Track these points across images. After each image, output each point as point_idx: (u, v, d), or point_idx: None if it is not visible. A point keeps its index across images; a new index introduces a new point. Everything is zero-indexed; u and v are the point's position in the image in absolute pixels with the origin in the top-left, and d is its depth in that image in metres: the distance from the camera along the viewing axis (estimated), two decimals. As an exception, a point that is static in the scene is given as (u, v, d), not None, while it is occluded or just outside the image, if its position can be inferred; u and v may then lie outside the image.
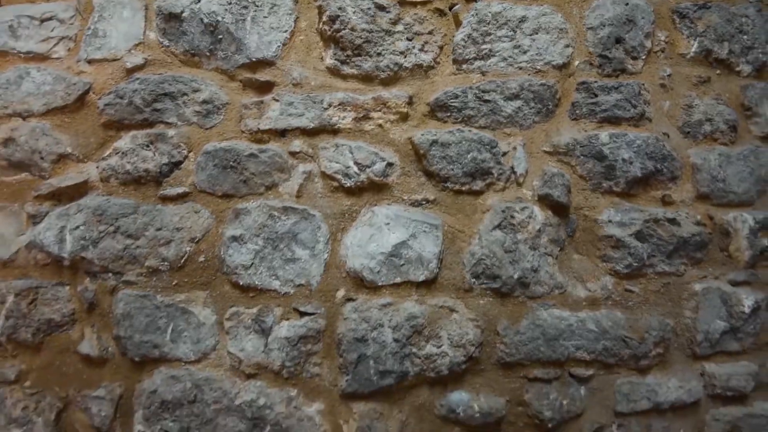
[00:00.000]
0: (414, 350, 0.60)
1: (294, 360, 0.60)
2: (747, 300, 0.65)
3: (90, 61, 0.70)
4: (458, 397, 0.61)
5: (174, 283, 0.62)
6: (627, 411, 0.63)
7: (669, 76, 0.72)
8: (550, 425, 0.61)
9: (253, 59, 0.68)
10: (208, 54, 0.68)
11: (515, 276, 0.62)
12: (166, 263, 0.62)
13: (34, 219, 0.65)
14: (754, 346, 0.67)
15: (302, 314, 0.61)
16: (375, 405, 0.61)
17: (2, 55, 0.71)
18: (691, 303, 0.65)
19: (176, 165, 0.65)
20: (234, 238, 0.62)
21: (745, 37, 0.74)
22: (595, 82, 0.69)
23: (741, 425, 0.66)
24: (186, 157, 0.65)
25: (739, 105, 0.73)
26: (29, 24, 0.70)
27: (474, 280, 0.62)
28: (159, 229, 0.62)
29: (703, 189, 0.68)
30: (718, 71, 0.73)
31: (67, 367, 0.63)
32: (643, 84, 0.70)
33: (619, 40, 0.71)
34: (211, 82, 0.68)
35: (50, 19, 0.71)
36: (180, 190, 0.64)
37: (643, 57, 0.71)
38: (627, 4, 0.70)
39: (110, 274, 0.62)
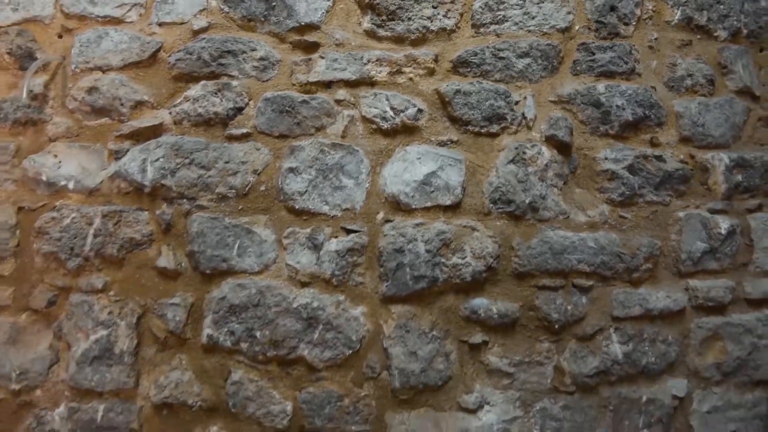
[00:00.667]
0: (442, 260, 0.80)
1: (342, 270, 0.80)
2: (723, 224, 0.86)
3: (160, 24, 0.91)
4: (479, 302, 0.81)
5: (240, 208, 0.83)
6: (622, 316, 0.83)
7: (656, 39, 0.94)
8: (556, 326, 0.81)
9: (302, 23, 0.89)
10: (262, 19, 0.90)
11: (527, 201, 0.83)
12: (233, 191, 0.82)
13: (117, 155, 0.85)
14: (731, 266, 0.88)
15: (348, 232, 0.81)
16: (410, 307, 0.81)
17: (82, 19, 0.92)
18: (676, 227, 0.86)
19: (239, 110, 0.86)
20: (290, 170, 0.82)
21: (721, 6, 0.97)
22: (593, 43, 0.91)
23: (720, 332, 0.87)
24: (247, 104, 0.86)
25: (717, 64, 0.95)
26: (107, -8, 0.91)
27: (492, 205, 0.83)
28: (227, 162, 0.82)
29: (685, 133, 0.90)
30: (698, 36, 0.96)
31: (145, 279, 0.82)
32: (634, 45, 0.92)
33: (613, 8, 0.93)
34: (265, 43, 0.90)
35: (126, -12, 0.92)
36: (243, 130, 0.84)
37: (634, 23, 0.93)
38: (619, -22, 0.92)
39: (185, 200, 0.82)
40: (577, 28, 0.93)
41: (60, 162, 0.86)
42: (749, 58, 0.97)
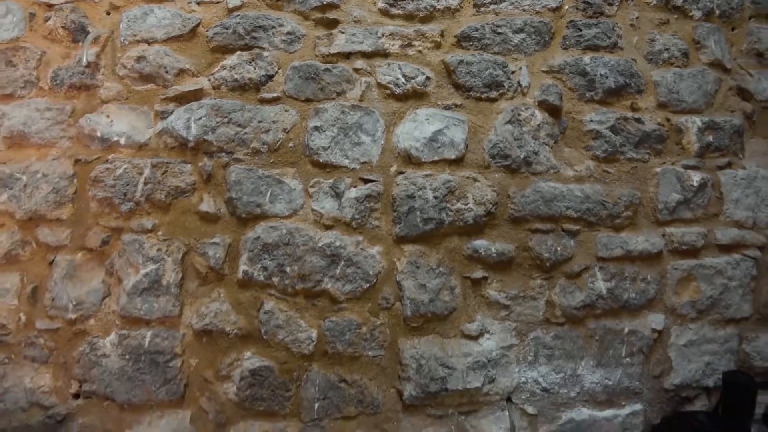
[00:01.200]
0: (448, 206, 1.01)
1: (360, 214, 1.01)
2: (695, 178, 1.07)
3: (199, 3, 1.13)
4: (480, 242, 1.02)
5: (271, 161, 1.03)
6: (606, 257, 1.04)
7: (637, 18, 1.16)
8: (547, 264, 1.02)
9: (323, 3, 1.11)
10: None
11: (521, 156, 1.04)
12: (265, 146, 1.03)
13: (162, 115, 1.06)
14: (703, 215, 1.09)
15: (366, 181, 1.02)
16: (420, 247, 1.01)
17: None
18: (653, 181, 1.07)
19: (270, 77, 1.07)
20: (315, 128, 1.03)
21: (696, -11, 1.19)
22: (580, 21, 1.13)
23: (694, 273, 1.07)
24: (277, 72, 1.07)
25: (692, 40, 1.17)
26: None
27: (491, 159, 1.04)
28: (260, 122, 1.04)
29: (662, 99, 1.11)
30: (675, 15, 1.18)
31: (189, 222, 1.03)
32: (617, 23, 1.14)
33: None
34: (291, 19, 1.11)
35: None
36: (274, 94, 1.05)
37: (617, 3, 1.15)
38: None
39: (224, 153, 1.03)
40: (566, 7, 1.15)
41: (112, 121, 1.07)
42: (721, 36, 1.20)
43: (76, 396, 1.06)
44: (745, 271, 1.11)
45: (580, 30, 1.14)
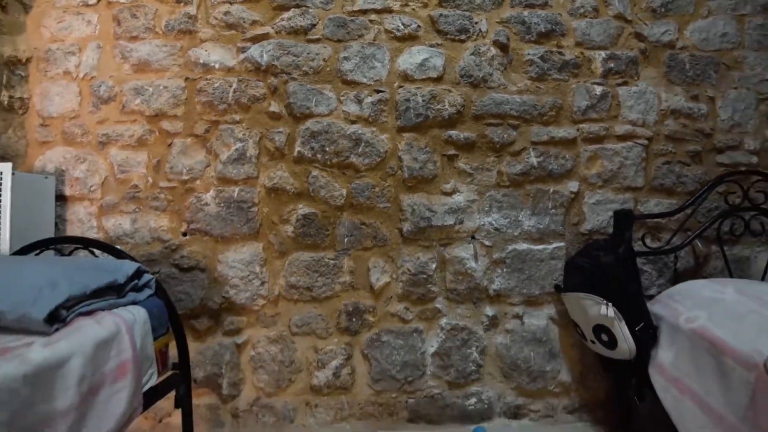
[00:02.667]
0: (431, 106, 1.93)
1: (374, 113, 1.95)
2: (599, 90, 2.02)
3: None
4: (453, 132, 1.94)
5: (315, 80, 1.98)
6: (537, 141, 1.96)
7: (563, -15, 2.14)
8: (498, 146, 1.93)
9: None
10: None
11: (481, 76, 1.99)
12: (311, 69, 1.97)
13: (243, 49, 2.01)
14: (606, 116, 2.04)
15: (378, 92, 1.96)
16: (413, 134, 1.95)
17: None
18: (570, 93, 2.01)
19: (313, 25, 2.02)
20: (344, 58, 1.98)
21: (606, -34, 2.17)
22: (523, -13, 2.10)
23: (599, 153, 2.01)
24: (318, 22, 2.03)
25: (602, 0, 2.14)
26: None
27: (460, 78, 1.98)
28: (308, 54, 1.98)
29: (579, 39, 2.06)
30: (591, -16, 2.16)
31: (262, 118, 1.97)
32: (554, 7, 2.11)
33: None
34: (326, -13, 2.09)
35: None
36: (317, 36, 1.99)
37: None
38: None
39: (285, 74, 1.98)
40: None
41: (209, 53, 2.03)
42: (624, -2, 2.16)
43: (185, 234, 2.00)
44: (637, 154, 2.04)
45: (523, -6, 2.11)
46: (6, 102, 1.96)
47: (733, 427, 1.15)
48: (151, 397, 1.25)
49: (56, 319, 1.04)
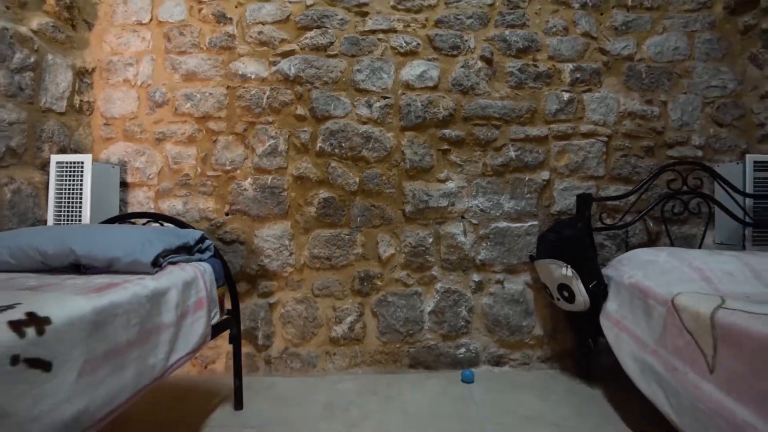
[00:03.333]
0: (429, 110, 2.34)
1: (382, 115, 2.35)
2: (566, 96, 2.42)
3: (290, 2, 2.51)
4: (446, 130, 2.34)
5: (333, 88, 2.38)
6: (515, 138, 2.35)
7: (539, 8, 2.52)
8: (483, 142, 2.32)
9: (360, 2, 2.48)
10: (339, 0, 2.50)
11: (469, 85, 2.39)
12: (330, 80, 2.37)
13: (273, 63, 2.42)
14: (573, 117, 2.44)
15: (384, 98, 2.37)
16: (414, 132, 2.35)
17: None
18: (543, 98, 2.40)
19: (331, 43, 2.42)
20: (357, 70, 2.38)
21: (576, -8, 2.57)
22: (505, 11, 2.48)
23: (567, 149, 2.41)
24: (335, 40, 2.43)
25: (571, 21, 2.53)
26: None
27: (452, 86, 2.37)
28: (328, 66, 2.38)
29: (551, 54, 2.43)
30: (562, 6, 2.54)
31: (290, 120, 2.36)
32: (526, 12, 2.48)
33: None
34: (341, 12, 2.48)
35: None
36: (334, 52, 2.39)
37: (528, 1, 2.53)
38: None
39: (309, 84, 2.37)
40: (497, 3, 2.52)
41: (246, 66, 2.43)
42: (591, 18, 2.56)
43: (227, 213, 2.40)
44: (599, 149, 2.44)
45: (504, 16, 2.50)
46: (77, 105, 2.37)
47: (652, 349, 1.55)
48: (215, 331, 1.65)
49: (155, 264, 1.44)
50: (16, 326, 0.86)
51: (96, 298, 1.08)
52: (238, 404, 1.85)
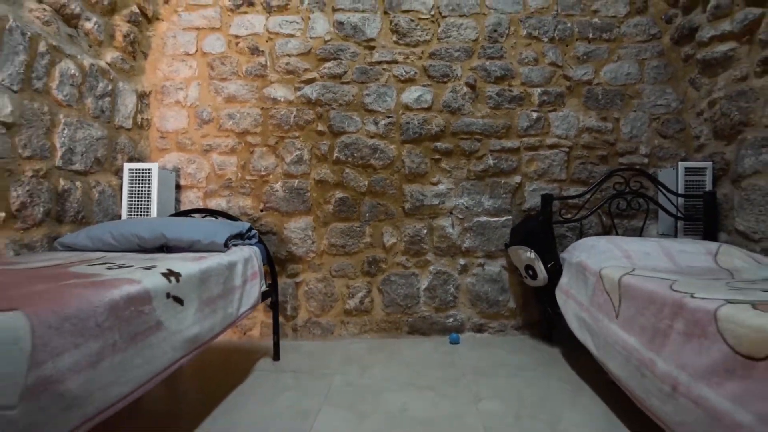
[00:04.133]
0: (424, 126, 2.87)
1: (386, 131, 2.88)
2: (535, 114, 2.98)
3: (311, 37, 3.06)
4: (438, 143, 2.88)
5: (347, 109, 2.92)
6: (493, 149, 2.89)
7: (514, 43, 3.07)
8: (467, 152, 2.87)
9: (368, 38, 3.03)
10: (352, 35, 3.05)
11: (456, 106, 2.91)
12: (345, 102, 2.91)
13: (298, 89, 2.96)
14: (540, 132, 3.00)
15: (388, 117, 2.92)
16: (412, 145, 2.90)
17: (277, 34, 3.07)
18: (516, 117, 2.96)
19: (345, 72, 2.94)
20: (366, 94, 2.93)
21: (544, 25, 3.13)
22: (486, 45, 3.04)
23: (535, 157, 2.96)
24: (348, 70, 2.98)
25: (540, 53, 3.09)
26: None
27: (443, 107, 2.91)
28: (342, 91, 2.92)
29: (523, 80, 2.97)
30: (533, 42, 3.10)
31: (312, 135, 2.89)
32: (503, 47, 3.05)
33: (495, 31, 3.09)
34: (353, 46, 3.04)
35: None
36: (347, 79, 2.95)
37: (505, 36, 3.08)
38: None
39: (327, 105, 2.92)
40: (480, 39, 3.07)
41: (276, 90, 2.98)
42: (557, 50, 3.10)
43: (262, 210, 2.96)
44: (561, 157, 2.99)
45: (486, 50, 3.05)
46: (139, 122, 2.92)
47: (586, 308, 2.09)
48: (262, 297, 2.21)
49: (226, 245, 2.00)
50: (167, 276, 1.42)
51: (199, 264, 1.64)
52: (276, 356, 2.40)
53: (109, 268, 1.43)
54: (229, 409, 1.80)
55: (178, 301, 1.43)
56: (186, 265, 1.56)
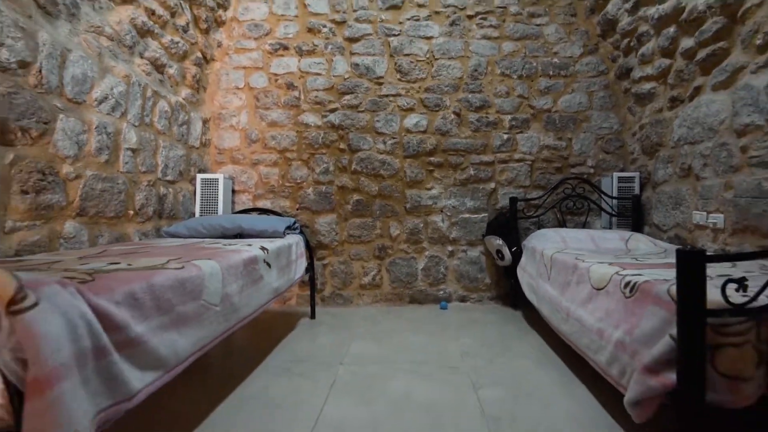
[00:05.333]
0: (421, 145, 3.74)
1: (392, 148, 3.74)
2: (506, 136, 3.87)
3: (334, 75, 3.95)
4: (432, 158, 3.75)
5: (362, 131, 3.83)
6: (474, 162, 3.81)
7: (490, 80, 3.98)
8: (454, 165, 3.78)
9: (377, 76, 3.93)
10: (365, 73, 3.94)
11: (446, 129, 3.78)
12: (360, 126, 3.79)
13: (324, 116, 3.85)
14: (511, 150, 3.90)
15: (393, 138, 3.81)
16: (411, 159, 3.77)
17: (307, 73, 3.97)
18: (492, 138, 3.86)
19: (360, 103, 3.87)
20: (377, 120, 3.83)
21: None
22: (469, 80, 3.94)
23: (506, 168, 3.86)
24: (362, 101, 3.88)
25: (512, 87, 3.98)
26: None
27: (435, 130, 3.79)
28: (358, 118, 3.83)
29: (497, 109, 3.90)
30: (505, 77, 4.00)
31: (336, 152, 3.77)
32: (482, 83, 3.95)
33: (476, 70, 3.98)
34: (366, 82, 3.94)
35: None
36: (362, 109, 3.84)
37: (484, 74, 3.97)
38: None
39: (347, 129, 3.80)
40: (464, 76, 3.95)
41: (307, 117, 3.84)
42: (525, 84, 4.01)
43: (297, 209, 3.84)
44: (526, 169, 3.86)
45: (468, 85, 3.91)
46: (203, 142, 3.80)
47: (534, 277, 2.99)
48: (305, 271, 3.10)
49: (283, 233, 2.90)
50: (263, 249, 2.31)
51: (274, 243, 2.53)
52: (312, 316, 3.30)
53: (224, 245, 2.31)
54: (288, 344, 2.70)
55: (268, 264, 2.32)
56: (268, 244, 2.45)
